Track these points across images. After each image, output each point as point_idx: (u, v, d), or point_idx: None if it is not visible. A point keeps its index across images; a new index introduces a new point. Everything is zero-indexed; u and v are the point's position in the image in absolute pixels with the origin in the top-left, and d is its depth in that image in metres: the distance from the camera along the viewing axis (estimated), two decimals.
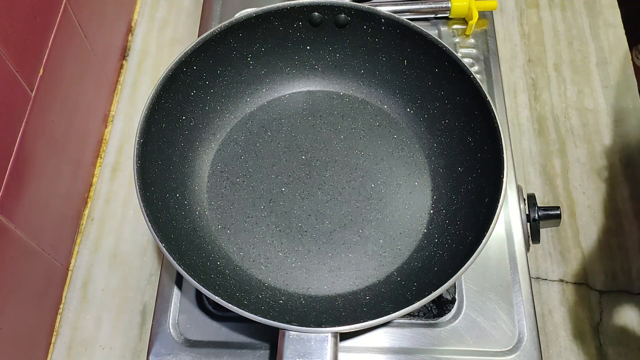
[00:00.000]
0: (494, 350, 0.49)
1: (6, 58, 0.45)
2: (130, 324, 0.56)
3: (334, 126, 0.58)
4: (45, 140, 0.53)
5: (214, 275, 0.48)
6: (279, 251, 0.52)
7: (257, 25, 0.53)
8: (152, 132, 0.49)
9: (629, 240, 0.59)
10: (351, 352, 0.49)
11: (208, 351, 0.49)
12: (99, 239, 0.60)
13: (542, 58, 0.69)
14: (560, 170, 0.63)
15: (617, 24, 0.71)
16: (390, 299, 0.47)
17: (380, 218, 0.53)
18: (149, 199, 0.46)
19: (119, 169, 0.64)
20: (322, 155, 0.56)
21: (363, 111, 0.58)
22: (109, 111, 0.67)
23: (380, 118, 0.58)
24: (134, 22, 0.73)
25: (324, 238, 0.52)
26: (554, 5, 0.73)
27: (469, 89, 0.50)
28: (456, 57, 0.50)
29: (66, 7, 0.56)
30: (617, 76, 0.68)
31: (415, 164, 0.55)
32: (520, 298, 0.50)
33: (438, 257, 0.49)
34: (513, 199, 0.55)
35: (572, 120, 0.65)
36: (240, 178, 0.55)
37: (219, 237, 0.52)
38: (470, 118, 0.51)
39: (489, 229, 0.43)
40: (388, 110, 0.58)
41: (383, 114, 0.58)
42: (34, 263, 0.52)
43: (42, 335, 0.54)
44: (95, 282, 0.58)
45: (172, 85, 0.51)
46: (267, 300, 0.48)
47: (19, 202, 0.48)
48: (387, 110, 0.58)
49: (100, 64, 0.64)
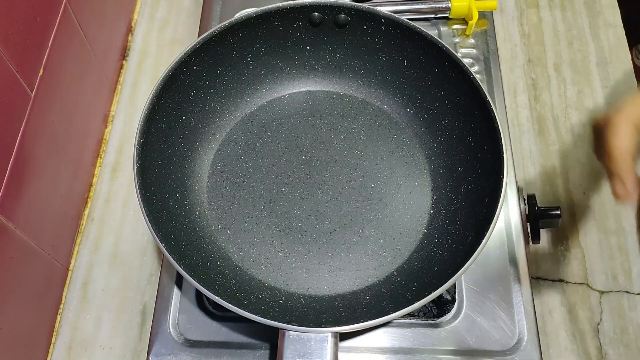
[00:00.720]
0: (494, 350, 0.49)
1: (6, 58, 0.45)
2: (130, 324, 0.56)
3: (334, 126, 0.58)
4: (45, 140, 0.53)
5: (214, 275, 0.48)
6: (279, 251, 0.52)
7: (257, 25, 0.53)
8: (152, 132, 0.49)
9: (629, 241, 0.59)
10: (351, 352, 0.49)
11: (208, 351, 0.49)
12: (99, 239, 0.60)
13: (542, 58, 0.69)
14: (560, 170, 0.63)
15: (617, 24, 0.71)
16: (390, 299, 0.47)
17: (380, 218, 0.53)
18: (149, 199, 0.46)
19: (119, 169, 0.64)
20: (322, 155, 0.56)
21: (363, 111, 0.58)
22: (109, 111, 0.67)
23: (380, 118, 0.58)
24: (134, 22, 0.73)
25: (324, 238, 0.52)
26: (554, 5, 0.73)
27: (469, 89, 0.50)
28: (456, 57, 0.50)
29: (66, 7, 0.56)
30: (617, 76, 0.68)
31: (415, 164, 0.55)
32: (520, 298, 0.50)
33: (438, 257, 0.49)
34: (513, 199, 0.55)
35: (572, 120, 0.65)
36: (240, 178, 0.55)
37: (219, 237, 0.52)
38: (470, 118, 0.51)
39: (489, 229, 0.43)
40: (388, 110, 0.58)
41: (383, 114, 0.58)
42: (34, 263, 0.52)
43: (42, 335, 0.54)
44: (95, 282, 0.58)
45: (172, 85, 0.51)
46: (267, 300, 0.48)
47: (19, 202, 0.48)
48: (387, 110, 0.58)
49: (100, 64, 0.64)
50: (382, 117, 0.58)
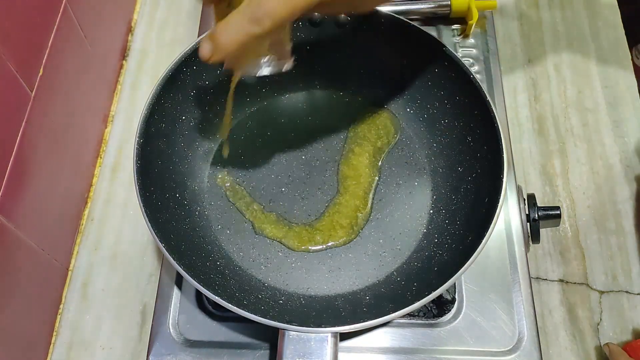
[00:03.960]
0: (494, 350, 0.49)
1: (6, 58, 0.45)
2: (130, 324, 0.56)
3: (334, 126, 0.58)
4: (45, 140, 0.53)
5: (214, 275, 0.48)
6: (279, 251, 0.52)
7: None
8: (152, 132, 0.49)
9: (629, 241, 0.59)
10: (351, 352, 0.49)
11: (208, 351, 0.49)
12: (99, 239, 0.60)
13: (542, 58, 0.69)
14: (560, 170, 0.63)
15: (617, 24, 0.71)
16: (390, 299, 0.47)
17: (380, 218, 0.53)
18: (149, 199, 0.46)
19: (119, 169, 0.64)
20: (322, 155, 0.56)
21: (363, 111, 0.58)
22: (109, 111, 0.67)
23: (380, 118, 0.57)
24: (133, 22, 0.73)
25: None
26: (554, 5, 0.73)
27: (469, 89, 0.50)
28: (456, 57, 0.50)
29: (66, 7, 0.56)
30: (617, 76, 0.68)
31: (415, 163, 0.55)
32: (520, 298, 0.50)
33: (438, 257, 0.49)
34: (513, 199, 0.55)
35: (572, 120, 0.65)
36: (240, 178, 0.55)
37: (219, 237, 0.52)
38: (470, 118, 0.51)
39: (489, 229, 0.43)
40: (388, 110, 0.58)
41: (383, 113, 0.58)
42: (34, 263, 0.52)
43: (42, 335, 0.54)
44: (95, 282, 0.58)
45: (172, 85, 0.51)
46: (267, 300, 0.48)
47: (19, 202, 0.48)
48: (387, 110, 0.58)
49: (100, 64, 0.64)
50: (382, 117, 0.58)
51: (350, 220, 0.53)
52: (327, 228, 0.52)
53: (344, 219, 0.53)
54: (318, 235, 0.52)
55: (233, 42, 0.35)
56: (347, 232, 0.52)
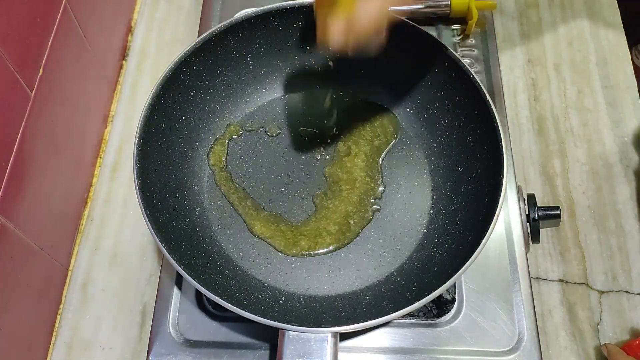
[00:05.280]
0: (494, 350, 0.49)
1: (6, 58, 0.45)
2: (130, 324, 0.56)
3: (333, 126, 0.58)
4: (45, 140, 0.53)
5: (214, 275, 0.48)
6: (278, 251, 0.52)
7: (257, 25, 0.53)
8: (152, 132, 0.49)
9: (629, 241, 0.59)
10: (351, 352, 0.49)
11: (208, 351, 0.49)
12: (99, 239, 0.60)
13: (542, 58, 0.69)
14: (560, 170, 0.63)
15: (617, 24, 0.71)
16: (390, 299, 0.48)
17: (380, 218, 0.53)
18: (149, 199, 0.46)
19: (118, 169, 0.64)
20: (322, 156, 0.56)
21: (363, 111, 0.58)
22: (109, 111, 0.67)
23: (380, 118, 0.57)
24: (133, 22, 0.73)
25: None
26: (553, 5, 0.73)
27: (469, 89, 0.50)
28: (456, 57, 0.50)
29: (66, 7, 0.56)
30: (617, 76, 0.68)
31: (415, 164, 0.55)
32: (520, 298, 0.50)
33: (438, 257, 0.49)
34: (513, 199, 0.55)
35: (572, 120, 0.65)
36: (240, 178, 0.55)
37: (219, 237, 0.52)
38: (470, 118, 0.51)
39: (489, 229, 0.43)
40: (388, 110, 0.58)
41: (383, 113, 0.58)
42: (34, 263, 0.52)
43: (42, 335, 0.54)
44: (95, 282, 0.58)
45: (172, 85, 0.51)
46: (267, 300, 0.48)
47: (19, 202, 0.48)
48: (387, 110, 0.58)
49: (100, 64, 0.64)
50: (382, 117, 0.58)
51: (340, 226, 0.52)
52: (312, 234, 0.52)
53: (332, 225, 0.52)
54: (303, 241, 0.51)
55: (376, 18, 0.37)
56: (336, 239, 0.51)
